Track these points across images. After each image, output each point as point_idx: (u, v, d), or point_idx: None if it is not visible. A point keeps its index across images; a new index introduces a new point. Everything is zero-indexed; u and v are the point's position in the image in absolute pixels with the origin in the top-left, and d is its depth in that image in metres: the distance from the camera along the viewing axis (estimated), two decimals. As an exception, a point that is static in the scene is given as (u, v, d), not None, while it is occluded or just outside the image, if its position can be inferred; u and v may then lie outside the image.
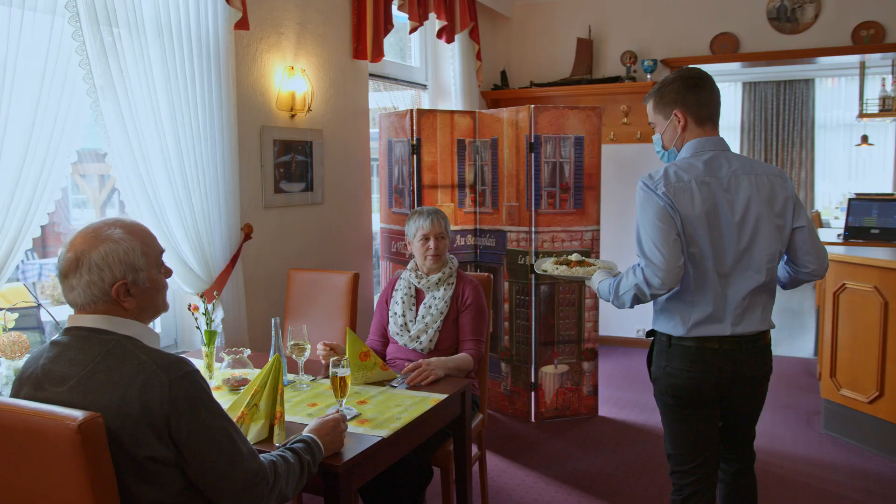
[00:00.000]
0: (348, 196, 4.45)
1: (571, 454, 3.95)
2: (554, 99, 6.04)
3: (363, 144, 4.62)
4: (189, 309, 2.82)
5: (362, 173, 4.62)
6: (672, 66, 5.77)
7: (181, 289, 3.18)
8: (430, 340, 2.92)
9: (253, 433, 2.05)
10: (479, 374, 3.10)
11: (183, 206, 3.10)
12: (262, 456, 1.68)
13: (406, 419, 2.20)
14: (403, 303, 3.03)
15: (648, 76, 5.73)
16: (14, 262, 2.51)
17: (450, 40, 5.28)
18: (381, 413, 2.26)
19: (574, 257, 2.59)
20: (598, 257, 4.39)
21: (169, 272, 1.74)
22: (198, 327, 2.63)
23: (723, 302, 2.20)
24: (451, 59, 5.51)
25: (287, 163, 3.93)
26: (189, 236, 3.14)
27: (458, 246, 4.57)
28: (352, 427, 2.14)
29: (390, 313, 3.06)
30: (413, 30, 4.88)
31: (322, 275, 3.45)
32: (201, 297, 2.84)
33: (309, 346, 2.54)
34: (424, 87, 5.64)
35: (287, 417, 2.22)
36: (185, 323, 3.46)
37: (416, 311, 3.01)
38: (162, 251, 1.73)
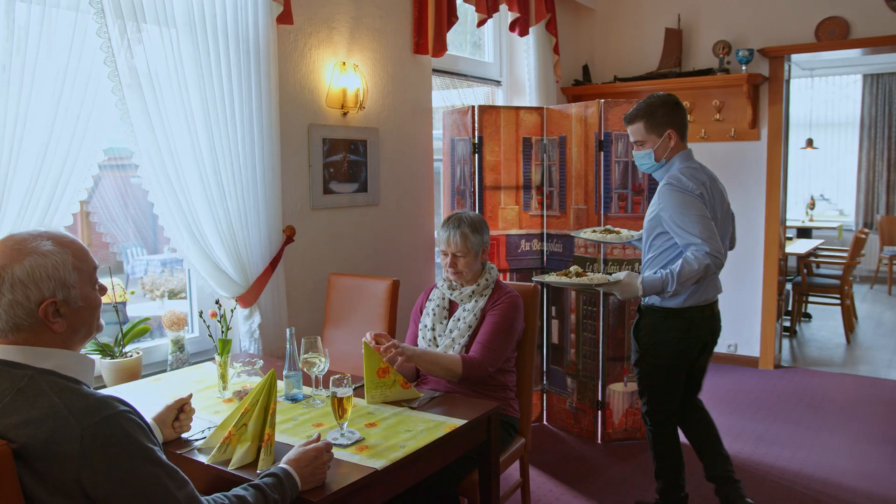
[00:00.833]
0: (408, 197, 4.25)
1: (637, 482, 3.58)
2: (640, 94, 5.62)
3: (426, 143, 4.42)
4: (204, 315, 2.69)
5: (424, 173, 4.42)
6: (770, 55, 5.23)
7: (216, 292, 3.08)
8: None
9: (238, 456, 1.88)
10: (519, 395, 2.82)
11: (216, 208, 2.99)
12: (214, 497, 1.49)
13: (411, 448, 1.97)
14: (434, 315, 2.80)
15: (743, 67, 5.22)
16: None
17: (523, 33, 5.00)
18: (387, 439, 2.04)
19: (573, 269, 2.96)
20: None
21: (104, 290, 1.56)
22: (210, 335, 2.49)
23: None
24: (526, 53, 5.22)
25: (338, 162, 3.78)
26: (223, 239, 3.03)
27: (524, 251, 4.29)
28: (348, 455, 1.93)
29: (420, 326, 2.83)
30: (481, 23, 4.63)
31: (362, 281, 3.27)
32: (217, 303, 2.71)
33: (322, 360, 2.35)
34: (498, 83, 5.38)
35: (286, 439, 2.04)
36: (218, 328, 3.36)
37: (447, 324, 2.77)
38: (96, 266, 1.54)
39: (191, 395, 2.09)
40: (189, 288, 3.32)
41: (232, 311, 2.81)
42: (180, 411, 2.05)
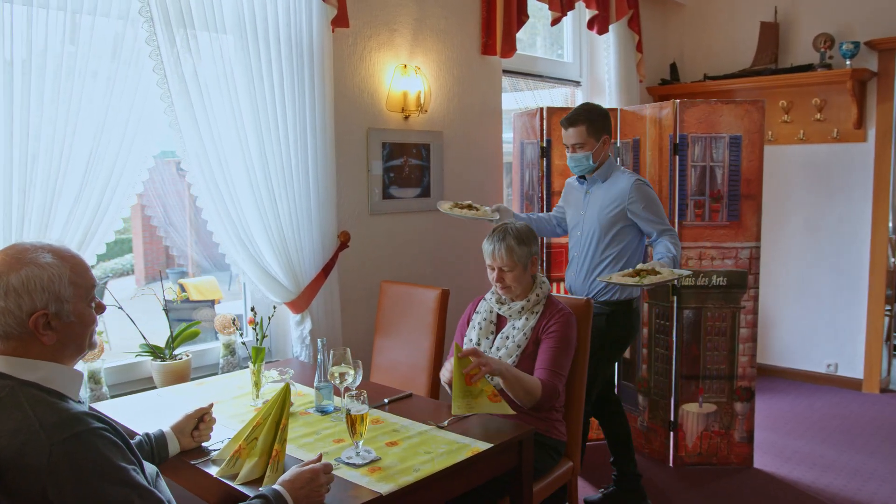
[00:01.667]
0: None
1: (707, 513, 3.32)
2: (733, 93, 5.26)
3: (495, 147, 4.29)
4: (237, 323, 2.67)
5: (493, 178, 4.29)
6: (880, 48, 4.75)
7: (266, 297, 3.08)
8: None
9: (245, 470, 1.83)
10: (567, 417, 2.65)
11: (266, 213, 2.98)
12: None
13: (425, 472, 1.85)
14: (480, 329, 2.66)
15: (848, 62, 4.77)
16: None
17: (602, 31, 4.77)
18: (403, 460, 1.93)
19: (640, 266, 2.92)
20: (756, 280, 3.68)
21: (102, 308, 1.54)
22: (243, 343, 2.47)
23: None
24: (606, 51, 4.98)
25: (399, 167, 3.72)
26: (273, 244, 3.02)
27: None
28: (358, 476, 1.84)
29: (465, 339, 2.70)
30: (555, 21, 4.45)
31: (412, 289, 3.18)
32: (253, 310, 2.69)
33: (351, 371, 2.27)
34: (578, 83, 5.17)
35: (303, 455, 1.97)
36: (279, 332, 3.36)
37: (494, 340, 2.62)
38: (94, 284, 1.52)
39: (211, 405, 2.07)
40: (244, 292, 3.34)
41: (269, 318, 2.78)
42: (200, 421, 2.03)
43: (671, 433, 3.84)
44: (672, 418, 3.83)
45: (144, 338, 2.86)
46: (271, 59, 2.95)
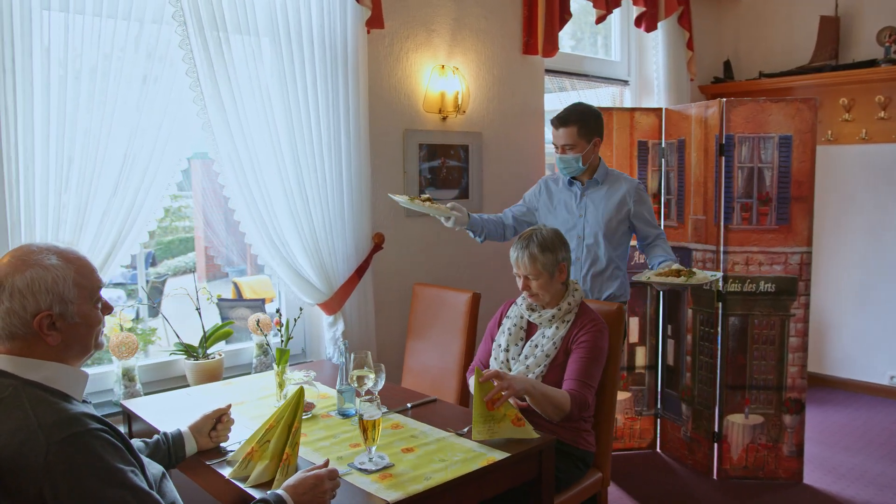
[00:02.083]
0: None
1: (750, 530, 3.18)
2: (789, 91, 5.05)
3: (536, 148, 4.23)
4: (263, 325, 2.69)
5: (534, 179, 4.16)
6: (950, 43, 4.49)
7: (299, 299, 3.10)
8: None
9: (255, 473, 1.83)
10: (597, 427, 2.57)
11: (299, 215, 3.00)
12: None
13: (436, 481, 1.82)
14: (510, 334, 2.60)
15: (914, 58, 4.52)
16: (112, 269, 2.58)
17: (650, 28, 4.64)
18: (416, 468, 1.90)
19: (677, 266, 2.92)
20: (807, 287, 3.51)
21: (108, 309, 1.55)
22: (267, 344, 2.48)
23: None
24: (654, 49, 4.85)
25: (436, 168, 3.69)
26: (305, 246, 3.03)
27: (638, 264, 3.96)
28: (368, 482, 1.82)
29: (494, 344, 2.64)
30: (600, 19, 4.35)
31: (443, 292, 3.14)
32: (278, 312, 2.70)
33: (372, 376, 2.25)
34: (626, 82, 5.05)
35: (318, 458, 1.96)
36: (313, 332, 3.38)
37: (522, 347, 2.56)
38: (100, 286, 1.53)
39: (229, 406, 2.08)
40: (278, 292, 3.36)
41: (295, 319, 2.79)
42: (218, 421, 2.04)
43: (715, 444, 3.70)
44: (716, 429, 3.68)
45: (178, 336, 2.91)
46: (304, 61, 2.96)
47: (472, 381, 2.44)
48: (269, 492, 1.61)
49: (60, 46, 2.39)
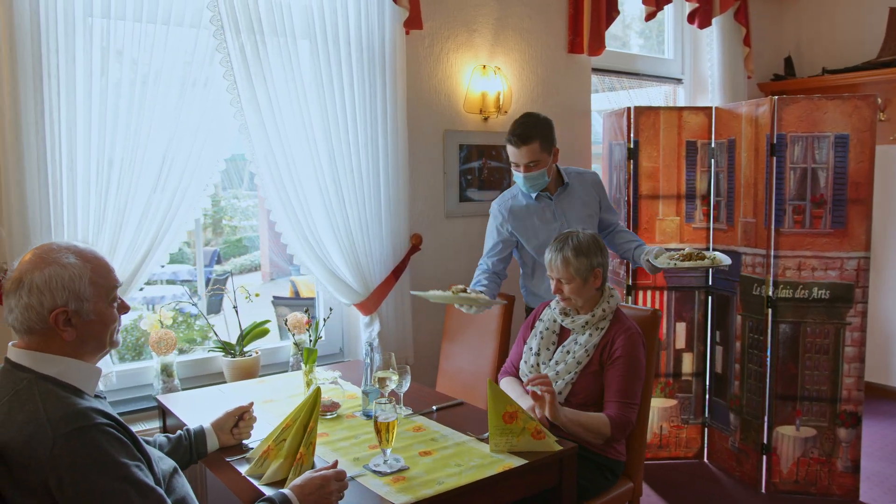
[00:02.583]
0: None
1: (797, 547, 3.04)
2: (855, 88, 4.82)
3: (583, 148, 4.16)
4: (292, 326, 2.71)
5: (579, 180, 4.14)
6: None
7: (335, 299, 3.12)
8: (560, 392, 2.40)
9: (270, 472, 1.85)
10: (628, 436, 2.49)
11: (335, 216, 3.02)
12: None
13: (448, 486, 1.80)
14: (542, 338, 2.55)
15: None
16: (150, 267, 2.65)
17: (703, 25, 4.50)
18: (430, 472, 1.89)
19: (688, 249, 2.90)
20: (864, 294, 3.33)
21: (125, 308, 1.60)
22: (295, 343, 2.50)
23: None
24: (709, 46, 4.70)
25: (478, 169, 3.67)
26: (342, 246, 3.05)
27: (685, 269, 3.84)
28: (380, 485, 1.81)
29: (525, 346, 2.60)
30: (649, 16, 4.25)
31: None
32: (306, 311, 2.72)
33: (394, 377, 2.24)
34: (679, 81, 4.91)
35: (336, 458, 1.97)
36: (350, 332, 3.40)
37: (554, 352, 2.51)
38: (117, 285, 1.58)
39: (251, 404, 2.11)
40: (317, 292, 3.40)
41: (325, 319, 2.81)
42: (240, 418, 2.07)
43: (764, 456, 3.55)
44: (765, 441, 3.54)
45: (216, 334, 2.97)
46: (341, 63, 2.98)
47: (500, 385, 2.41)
48: (275, 491, 1.63)
49: (100, 52, 2.47)
